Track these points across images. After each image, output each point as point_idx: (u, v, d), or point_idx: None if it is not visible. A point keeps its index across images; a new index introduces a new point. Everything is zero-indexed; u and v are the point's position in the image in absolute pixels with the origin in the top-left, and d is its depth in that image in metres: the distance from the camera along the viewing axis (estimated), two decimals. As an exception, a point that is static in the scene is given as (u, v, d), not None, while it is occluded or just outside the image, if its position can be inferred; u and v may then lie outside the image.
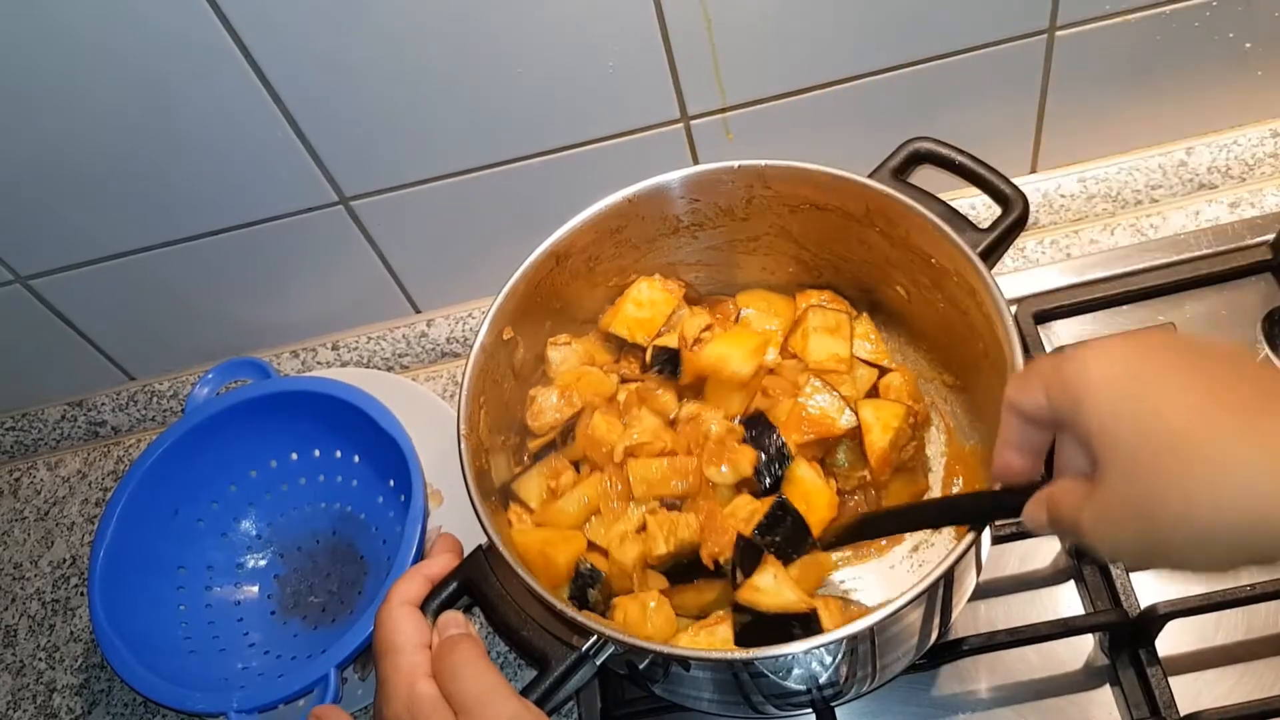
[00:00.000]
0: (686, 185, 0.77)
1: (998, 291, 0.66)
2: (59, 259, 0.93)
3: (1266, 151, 0.94)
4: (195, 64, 0.77)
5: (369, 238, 0.95)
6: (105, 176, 0.85)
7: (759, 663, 0.62)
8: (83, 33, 0.74)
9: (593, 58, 0.81)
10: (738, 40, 0.81)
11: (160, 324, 1.02)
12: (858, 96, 0.86)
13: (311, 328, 1.05)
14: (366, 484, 0.93)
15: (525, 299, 0.76)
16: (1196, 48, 0.86)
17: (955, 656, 0.77)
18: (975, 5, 0.81)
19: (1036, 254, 0.97)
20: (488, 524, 0.65)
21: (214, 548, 0.93)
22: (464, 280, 1.01)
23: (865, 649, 0.65)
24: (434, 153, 0.87)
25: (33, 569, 1.03)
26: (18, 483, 1.10)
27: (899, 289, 0.78)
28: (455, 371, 1.05)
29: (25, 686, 0.97)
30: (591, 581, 0.70)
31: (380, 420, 0.84)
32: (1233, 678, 0.74)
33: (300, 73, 0.79)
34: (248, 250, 0.94)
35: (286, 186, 0.88)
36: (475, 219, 0.94)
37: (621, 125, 0.87)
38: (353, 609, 0.89)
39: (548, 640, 0.62)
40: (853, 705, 0.78)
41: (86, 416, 1.09)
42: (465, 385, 0.71)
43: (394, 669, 0.60)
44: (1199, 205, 0.95)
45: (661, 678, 0.68)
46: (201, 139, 0.83)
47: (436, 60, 0.79)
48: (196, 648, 0.87)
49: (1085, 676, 0.77)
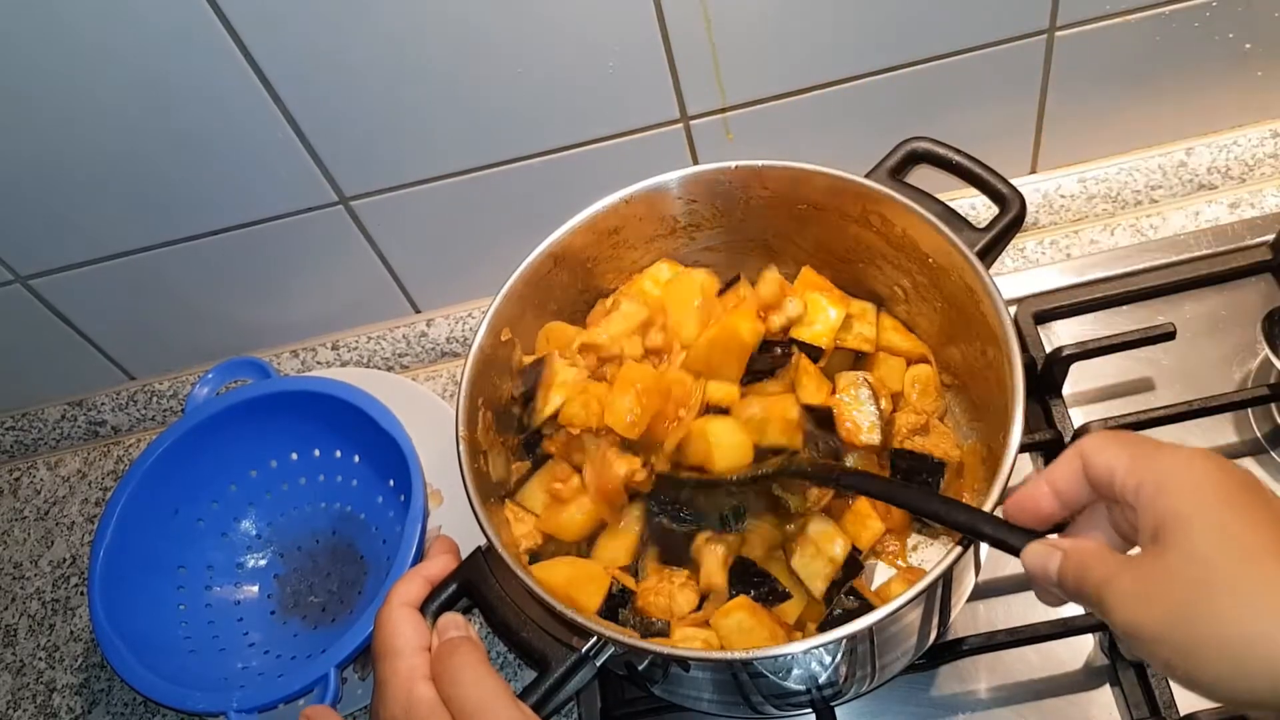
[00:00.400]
0: (684, 186, 0.77)
1: (995, 290, 0.66)
2: (59, 259, 0.93)
3: (1266, 152, 0.94)
4: (196, 64, 0.77)
5: (369, 238, 0.95)
6: (105, 176, 0.85)
7: (758, 662, 0.62)
8: (83, 32, 0.74)
9: (593, 58, 0.81)
10: (738, 40, 0.81)
11: (160, 324, 1.02)
12: (858, 96, 0.86)
13: (311, 328, 1.05)
14: (366, 484, 0.93)
15: (523, 300, 0.76)
16: (1196, 48, 0.86)
17: (955, 656, 0.77)
18: (975, 5, 0.81)
19: (1036, 254, 0.97)
20: (487, 525, 0.65)
21: (214, 547, 0.93)
22: (464, 280, 1.01)
23: (864, 649, 0.65)
24: (434, 153, 0.87)
25: (33, 569, 1.03)
26: (18, 482, 1.10)
27: (897, 288, 0.78)
28: (455, 371, 1.05)
29: (25, 686, 0.97)
30: (622, 602, 0.70)
31: (380, 420, 0.84)
32: (1232, 678, 0.74)
33: (300, 73, 0.79)
34: (248, 250, 0.94)
35: (286, 186, 0.88)
36: (475, 219, 0.94)
37: (621, 125, 0.87)
38: (353, 609, 0.89)
39: (547, 642, 0.62)
40: (852, 705, 0.78)
41: (86, 416, 1.09)
42: (464, 386, 0.71)
43: (393, 671, 0.60)
44: (1199, 205, 0.95)
45: (661, 678, 0.68)
46: (202, 139, 0.83)
47: (436, 60, 0.79)
48: (196, 647, 0.87)
49: (1085, 676, 0.77)
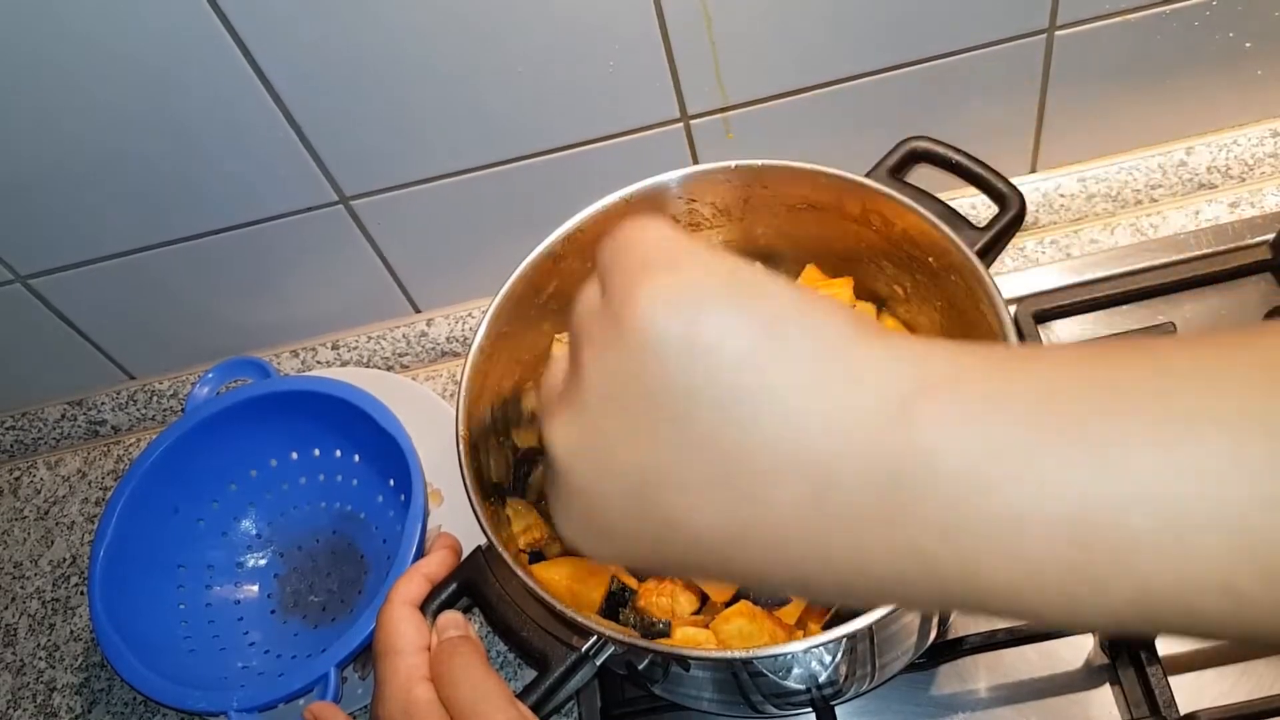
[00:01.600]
0: (683, 185, 0.77)
1: (995, 290, 0.66)
2: (59, 259, 0.93)
3: (1266, 151, 0.93)
4: (195, 63, 0.77)
5: (369, 238, 0.95)
6: (105, 176, 0.85)
7: (758, 662, 0.62)
8: (82, 31, 0.74)
9: (593, 57, 0.81)
10: (738, 39, 0.81)
11: (160, 324, 1.02)
12: (858, 96, 0.86)
13: (311, 328, 1.05)
14: (366, 483, 0.93)
15: (523, 301, 0.76)
16: (1197, 48, 0.86)
17: (955, 655, 0.77)
18: (975, 5, 0.81)
19: (1036, 254, 0.97)
20: (486, 525, 0.65)
21: (214, 547, 0.93)
22: (464, 280, 1.01)
23: (864, 648, 0.65)
24: (434, 153, 0.87)
25: (33, 568, 1.03)
26: (18, 482, 1.10)
27: (897, 288, 0.78)
28: (455, 371, 1.05)
29: (25, 685, 0.97)
30: (623, 601, 0.70)
31: (380, 420, 0.84)
32: (1233, 677, 0.74)
33: (300, 72, 0.79)
34: (248, 250, 0.94)
35: (286, 186, 0.88)
36: (475, 219, 0.94)
37: (621, 125, 0.87)
38: (353, 608, 0.90)
39: (547, 641, 0.62)
40: (852, 704, 0.78)
41: (86, 416, 1.09)
42: (463, 386, 0.71)
43: (392, 671, 0.60)
44: (1199, 205, 0.95)
45: (661, 678, 0.68)
46: (201, 138, 0.83)
47: (437, 60, 0.79)
48: (196, 647, 0.87)
49: (1085, 676, 0.77)
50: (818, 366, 0.29)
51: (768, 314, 0.30)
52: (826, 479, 0.28)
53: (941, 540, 0.27)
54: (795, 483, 0.28)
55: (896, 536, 0.27)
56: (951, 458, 0.26)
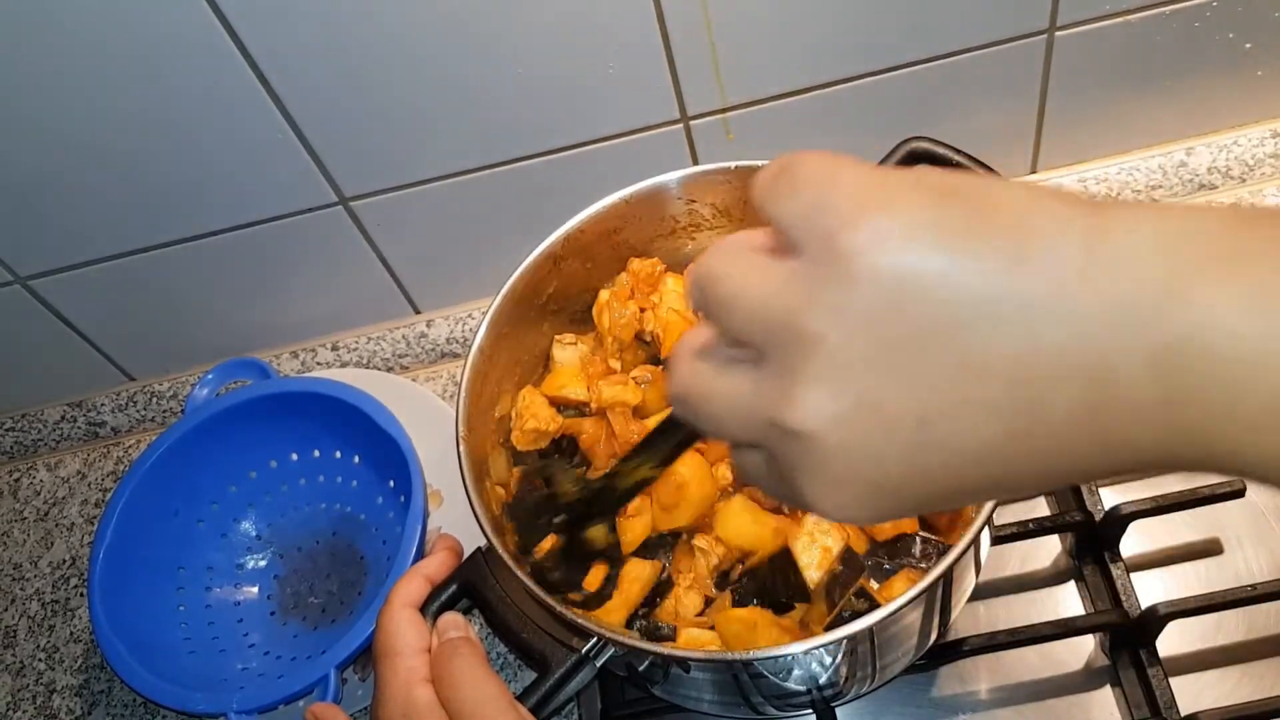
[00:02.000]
0: (683, 186, 0.77)
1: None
2: (59, 259, 0.93)
3: (1266, 151, 0.93)
4: (194, 64, 0.77)
5: (369, 238, 0.95)
6: (104, 177, 0.85)
7: (759, 663, 0.62)
8: (82, 32, 0.74)
9: (593, 58, 0.81)
10: (738, 40, 0.81)
11: (160, 324, 1.02)
12: (858, 96, 0.86)
13: (311, 328, 1.05)
14: (366, 484, 0.93)
15: (523, 301, 0.76)
16: (1196, 48, 0.86)
17: (955, 657, 0.77)
18: (975, 5, 0.81)
19: (1036, 254, 0.97)
20: (486, 527, 0.65)
21: (214, 548, 0.93)
22: (464, 280, 1.01)
23: (865, 649, 0.65)
24: (434, 153, 0.87)
25: (32, 569, 1.03)
26: (18, 483, 1.10)
27: (898, 289, 0.78)
28: (455, 372, 1.05)
29: (25, 687, 0.97)
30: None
31: (380, 420, 0.84)
32: (1233, 678, 0.74)
33: (299, 72, 0.79)
34: (247, 250, 0.94)
35: (286, 186, 0.88)
36: (475, 219, 0.94)
37: (621, 125, 0.87)
38: (353, 610, 0.89)
39: (548, 642, 0.62)
40: (853, 705, 0.78)
41: (86, 417, 1.09)
42: (464, 386, 0.71)
43: (393, 672, 0.60)
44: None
45: (662, 679, 0.68)
46: (201, 139, 0.83)
47: (437, 60, 0.79)
48: (196, 648, 0.87)
49: (1086, 677, 0.77)
50: (1072, 268, 0.29)
51: (1003, 225, 0.30)
52: (1106, 373, 0.28)
53: (1225, 418, 0.27)
54: (1075, 382, 0.29)
55: (1174, 417, 0.28)
56: (1231, 338, 0.27)
